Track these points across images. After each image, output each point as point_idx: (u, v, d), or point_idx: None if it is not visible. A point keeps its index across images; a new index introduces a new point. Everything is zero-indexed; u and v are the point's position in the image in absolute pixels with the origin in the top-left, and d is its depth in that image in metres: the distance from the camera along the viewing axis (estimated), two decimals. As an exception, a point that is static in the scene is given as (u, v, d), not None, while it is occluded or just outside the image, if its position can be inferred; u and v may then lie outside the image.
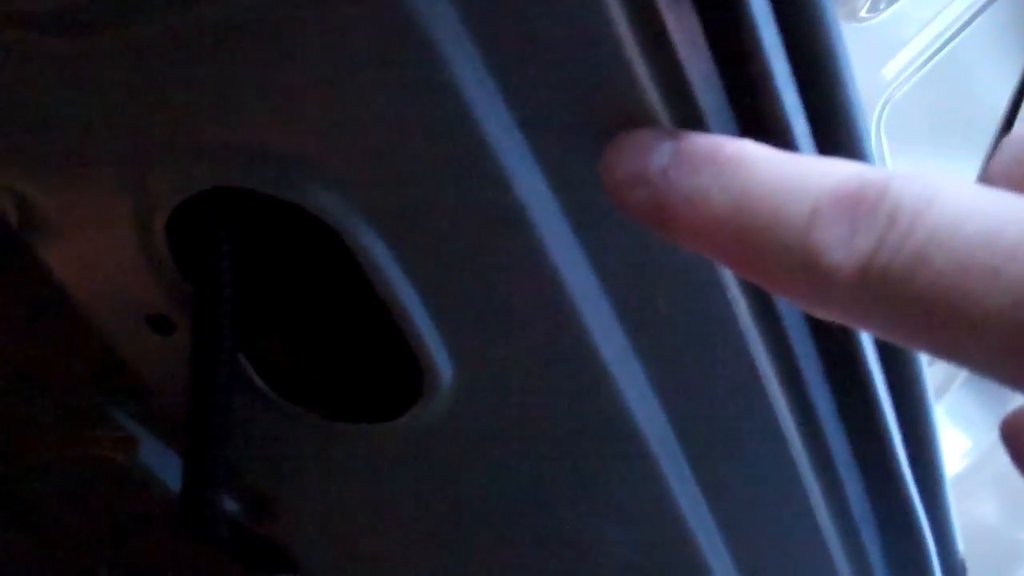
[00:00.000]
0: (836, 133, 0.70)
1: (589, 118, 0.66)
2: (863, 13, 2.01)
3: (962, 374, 2.11)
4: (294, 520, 1.10)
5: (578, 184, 0.70)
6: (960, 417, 2.13)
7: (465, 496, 0.98)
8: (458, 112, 0.66)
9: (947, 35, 2.31)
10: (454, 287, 0.79)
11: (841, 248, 0.46)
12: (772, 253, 0.49)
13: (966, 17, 2.21)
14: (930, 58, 2.27)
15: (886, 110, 1.91)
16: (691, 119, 0.64)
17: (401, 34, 0.62)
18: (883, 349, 0.86)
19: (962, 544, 1.07)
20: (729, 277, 0.75)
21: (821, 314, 0.51)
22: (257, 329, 0.88)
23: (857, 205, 0.46)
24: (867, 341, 0.84)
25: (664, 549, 0.98)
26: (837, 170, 0.49)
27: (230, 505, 1.08)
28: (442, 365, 0.83)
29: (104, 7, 0.67)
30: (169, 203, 0.76)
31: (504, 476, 0.94)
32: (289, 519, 1.09)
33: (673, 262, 0.75)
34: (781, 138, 0.67)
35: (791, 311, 0.79)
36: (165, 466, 1.23)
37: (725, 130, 0.66)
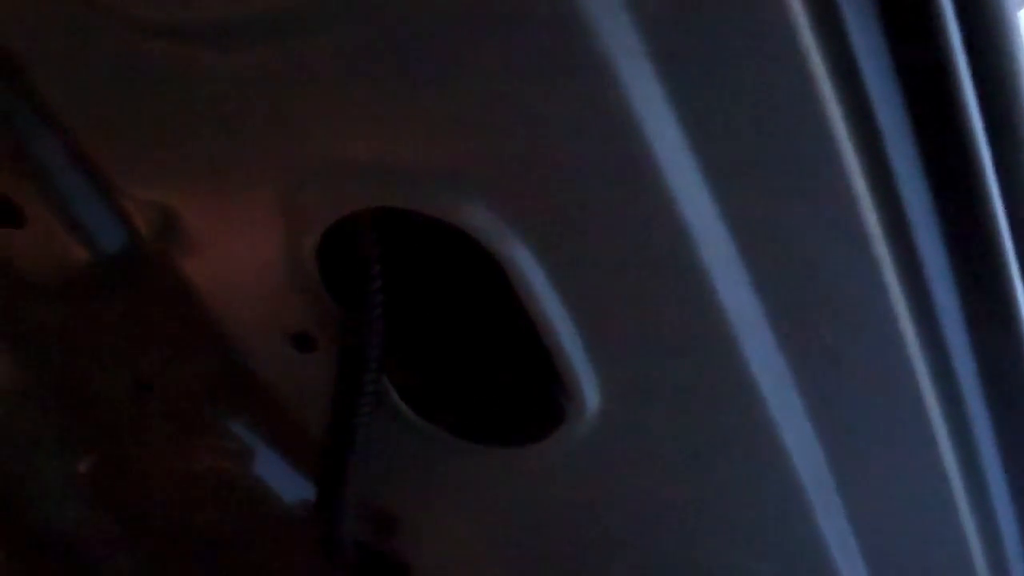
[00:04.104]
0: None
1: (771, 149, 0.64)
2: None
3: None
4: (418, 541, 1.08)
5: (750, 207, 0.67)
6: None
7: (600, 526, 0.95)
8: (627, 127, 0.63)
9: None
10: (608, 310, 0.76)
11: None
12: None
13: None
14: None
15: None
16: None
17: (573, 48, 0.60)
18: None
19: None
20: (904, 315, 0.71)
21: None
22: (399, 349, 0.86)
23: None
24: None
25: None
26: None
27: (355, 524, 1.06)
28: (589, 391, 0.80)
29: (266, 23, 0.66)
30: (322, 223, 0.74)
31: (644, 508, 0.91)
32: (414, 540, 1.07)
33: (844, 292, 0.71)
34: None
35: (966, 363, 0.75)
36: (278, 478, 1.22)
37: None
